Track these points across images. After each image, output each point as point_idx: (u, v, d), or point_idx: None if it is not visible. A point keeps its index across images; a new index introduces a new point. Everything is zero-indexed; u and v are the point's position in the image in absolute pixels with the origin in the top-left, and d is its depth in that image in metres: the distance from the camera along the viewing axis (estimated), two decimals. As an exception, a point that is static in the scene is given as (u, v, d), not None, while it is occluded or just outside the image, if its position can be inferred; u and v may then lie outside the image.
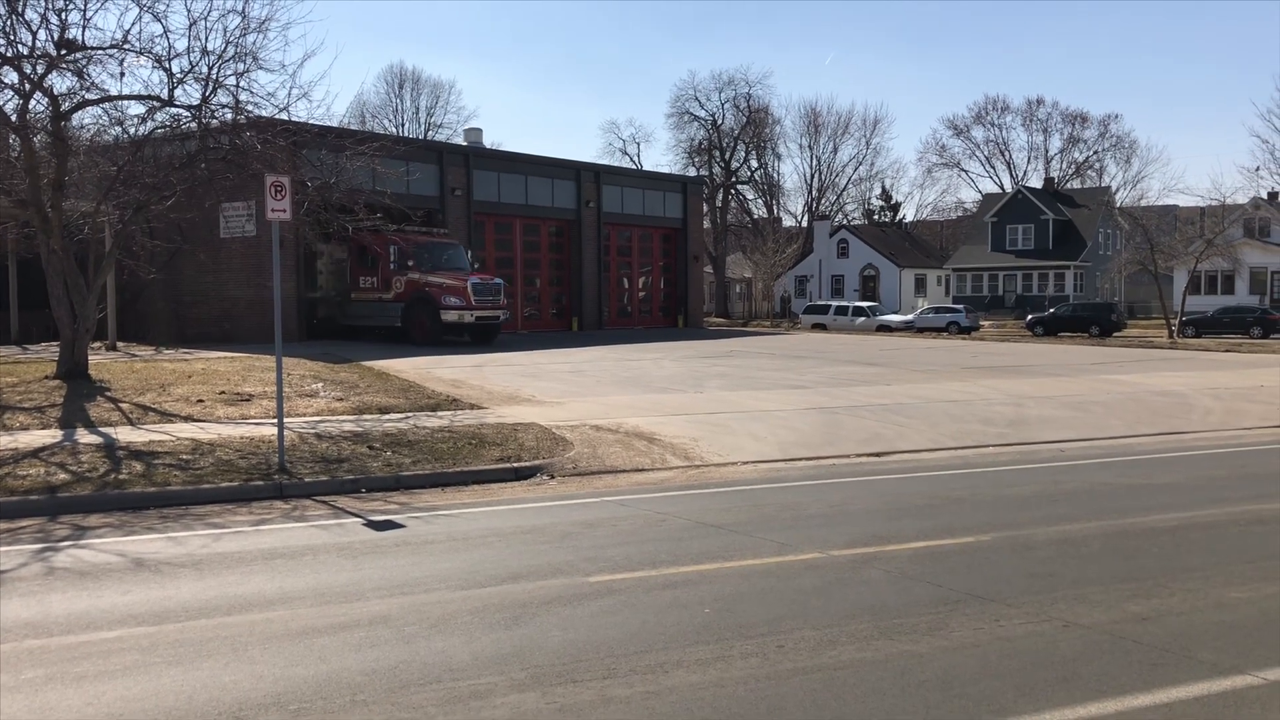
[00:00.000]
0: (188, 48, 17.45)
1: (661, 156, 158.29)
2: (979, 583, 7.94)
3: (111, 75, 17.60)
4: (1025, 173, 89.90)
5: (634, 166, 77.13)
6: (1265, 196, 60.15)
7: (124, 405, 16.21)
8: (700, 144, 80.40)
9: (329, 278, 32.67)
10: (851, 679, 5.97)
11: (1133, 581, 7.97)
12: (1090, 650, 6.47)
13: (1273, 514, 10.68)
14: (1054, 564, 8.56)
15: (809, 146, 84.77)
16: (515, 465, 13.15)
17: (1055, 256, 70.59)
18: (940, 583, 7.93)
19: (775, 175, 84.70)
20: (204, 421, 15.19)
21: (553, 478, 12.86)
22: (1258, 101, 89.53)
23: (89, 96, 17.41)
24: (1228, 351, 35.74)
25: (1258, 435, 17.15)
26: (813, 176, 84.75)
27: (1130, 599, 7.51)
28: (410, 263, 30.46)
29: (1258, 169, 57.64)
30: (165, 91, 17.52)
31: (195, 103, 17.76)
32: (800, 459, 14.31)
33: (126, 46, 16.78)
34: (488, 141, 52.75)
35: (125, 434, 14.02)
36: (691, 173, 72.10)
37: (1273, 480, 12.81)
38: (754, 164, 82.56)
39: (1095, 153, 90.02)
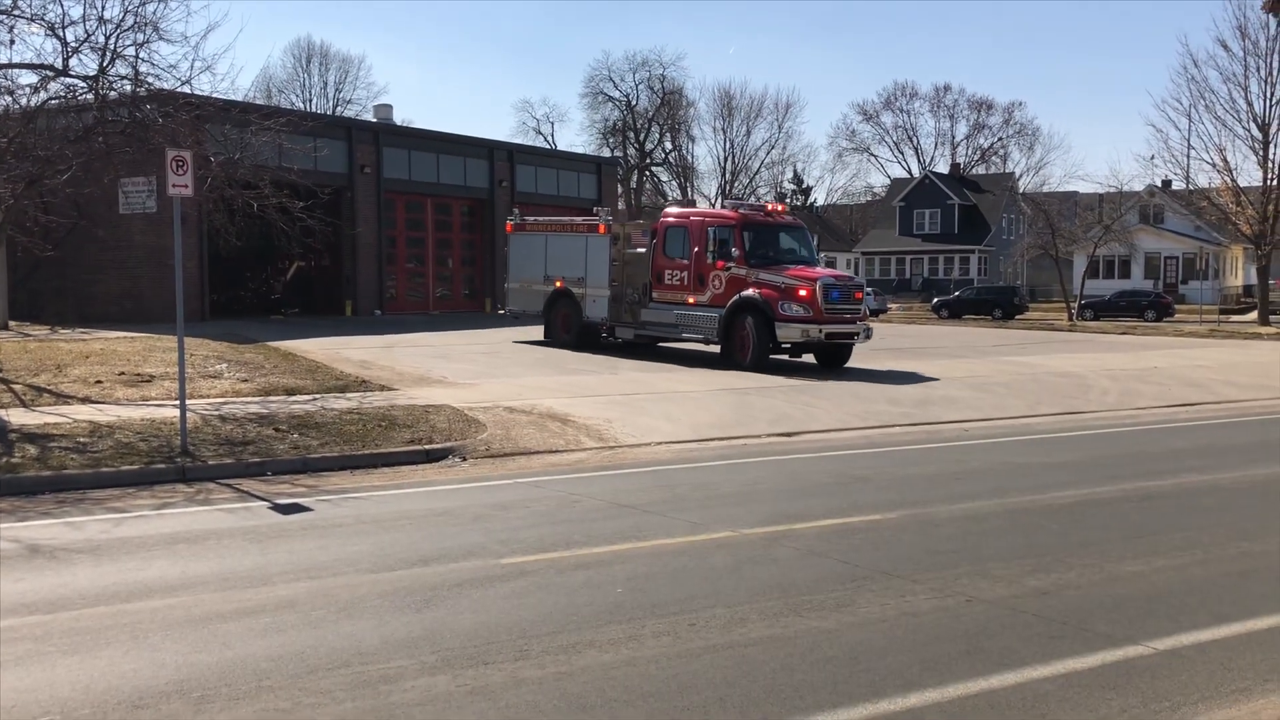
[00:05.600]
0: (83, 15, 16.76)
1: (576, 137, 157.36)
2: (885, 559, 8.11)
3: (0, 42, 16.83)
4: (933, 158, 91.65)
5: (548, 146, 76.67)
6: (1160, 184, 62.19)
7: (17, 386, 15.63)
8: (615, 125, 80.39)
9: (623, 269, 24.51)
10: (761, 655, 6.05)
11: (1032, 557, 8.22)
12: (992, 624, 6.65)
13: (1164, 490, 11.10)
14: (957, 541, 8.77)
15: (722, 129, 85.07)
16: (426, 447, 13.00)
17: (961, 241, 72.13)
18: (848, 560, 8.07)
19: (689, 157, 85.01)
20: (102, 403, 14.73)
21: (465, 460, 12.76)
22: (1153, 92, 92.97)
23: (-26, 64, 16.68)
24: (1124, 334, 36.98)
25: (1152, 415, 17.77)
26: (726, 159, 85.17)
27: (1030, 574, 7.74)
28: (735, 251, 21.93)
29: (1153, 157, 59.87)
30: (59, 61, 16.86)
31: (92, 73, 17.11)
32: (713, 439, 14.41)
33: (16, 12, 16.10)
34: (398, 119, 51.96)
35: (18, 416, 13.52)
36: (606, 154, 71.94)
37: (1165, 458, 13.30)
38: (668, 146, 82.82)
39: (1000, 139, 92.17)
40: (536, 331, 26.40)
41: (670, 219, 23.78)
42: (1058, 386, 20.57)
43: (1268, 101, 41.32)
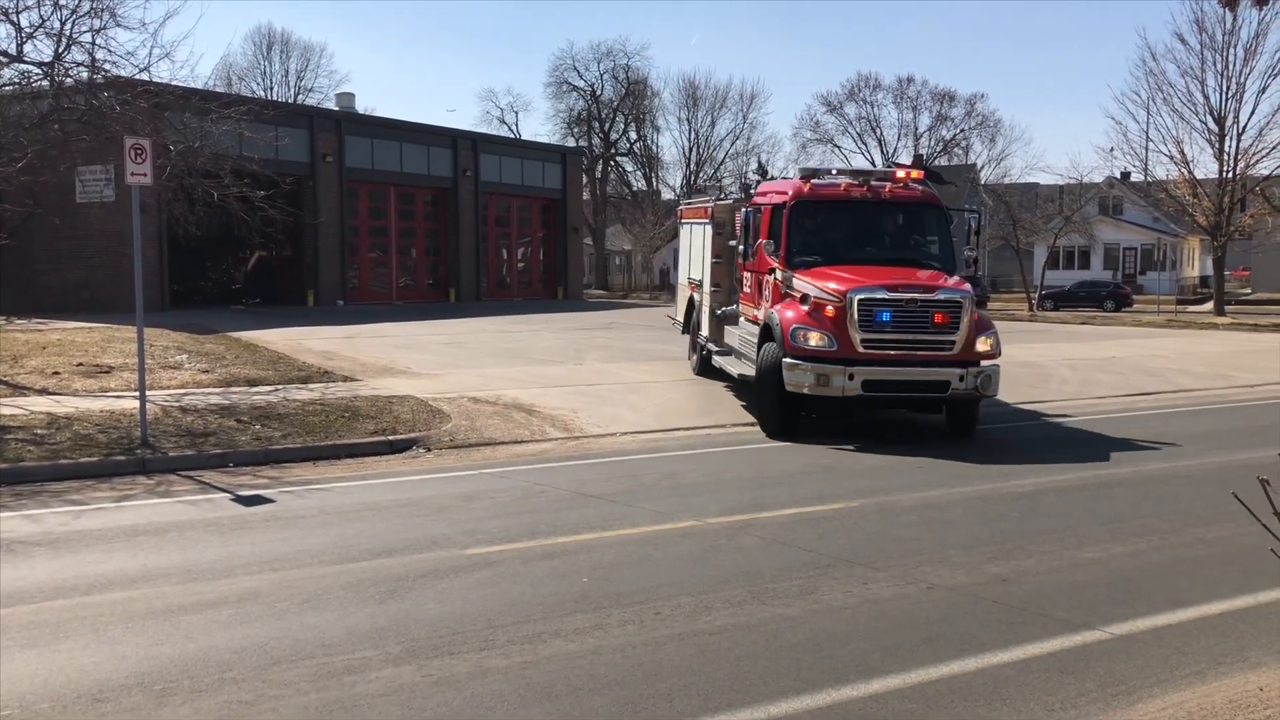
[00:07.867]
0: (38, 0, 16.48)
1: (540, 126, 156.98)
2: (848, 548, 8.18)
3: (-48, 28, 16.53)
4: (896, 149, 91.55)
5: (512, 135, 76.32)
6: (1119, 176, 62.87)
7: (-28, 378, 15.39)
8: (579, 115, 79.89)
9: (727, 269, 17.88)
10: (725, 643, 6.09)
11: (992, 544, 8.32)
12: (953, 611, 6.73)
13: (1120, 478, 11.26)
14: (918, 529, 8.86)
15: (687, 120, 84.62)
16: (390, 438, 12.94)
17: (924, 231, 72.59)
18: (811, 548, 8.13)
19: (654, 148, 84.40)
20: (60, 395, 14.53)
21: (429, 450, 12.71)
22: (1113, 84, 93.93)
23: (-75, 49, 16.34)
24: (1083, 324, 37.41)
25: (1110, 404, 17.99)
26: (691, 150, 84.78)
27: (990, 561, 7.84)
28: (770, 244, 14.84)
29: (1112, 149, 60.29)
30: (13, 46, 16.55)
31: (47, 60, 16.83)
32: (678, 429, 14.44)
33: (-32, -2, 15.79)
34: (361, 107, 51.48)
35: (-27, 408, 13.32)
36: (571, 143, 71.68)
37: (1123, 446, 13.46)
38: (633, 136, 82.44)
39: (962, 131, 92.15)
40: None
41: (758, 198, 16.22)
42: (1019, 376, 20.74)
43: (1224, 95, 41.84)
